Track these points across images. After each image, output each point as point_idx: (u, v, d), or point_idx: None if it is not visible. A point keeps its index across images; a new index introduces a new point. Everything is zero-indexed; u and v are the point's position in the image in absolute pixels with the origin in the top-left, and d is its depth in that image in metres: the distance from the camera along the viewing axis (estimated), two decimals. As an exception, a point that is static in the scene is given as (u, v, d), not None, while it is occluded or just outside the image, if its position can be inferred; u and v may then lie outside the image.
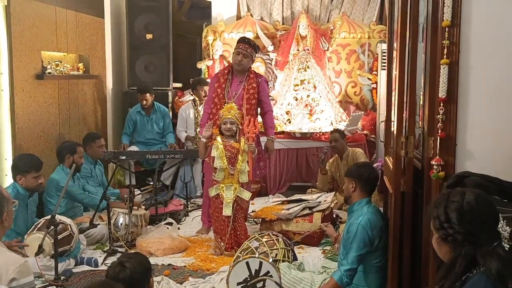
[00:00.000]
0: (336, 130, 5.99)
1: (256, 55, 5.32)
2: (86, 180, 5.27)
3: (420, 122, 2.95)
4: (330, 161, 6.01)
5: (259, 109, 5.22)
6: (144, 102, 6.47)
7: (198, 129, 6.26)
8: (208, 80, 6.33)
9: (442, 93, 2.43)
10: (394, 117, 3.21)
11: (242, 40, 5.14)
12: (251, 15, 7.56)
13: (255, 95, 5.08)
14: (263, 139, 5.30)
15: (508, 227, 1.77)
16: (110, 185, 5.33)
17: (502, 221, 1.78)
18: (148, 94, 6.45)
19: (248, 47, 5.05)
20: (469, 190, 1.88)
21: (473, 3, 2.40)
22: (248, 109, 4.97)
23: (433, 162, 2.47)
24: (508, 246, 1.75)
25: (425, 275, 2.64)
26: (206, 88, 6.14)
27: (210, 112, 5.08)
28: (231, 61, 7.41)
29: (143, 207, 5.16)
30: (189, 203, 6.13)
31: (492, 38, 2.40)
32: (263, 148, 5.22)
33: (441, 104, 2.44)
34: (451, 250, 1.82)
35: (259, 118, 5.31)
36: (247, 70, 5.13)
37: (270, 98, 7.30)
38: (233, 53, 5.18)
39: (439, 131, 2.46)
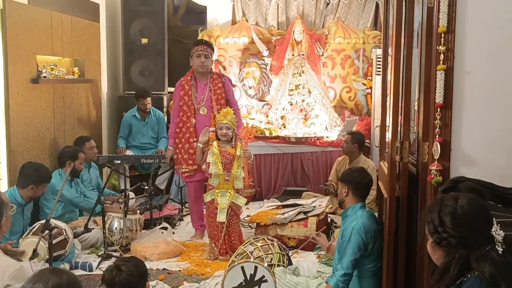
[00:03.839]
0: (352, 132, 5.91)
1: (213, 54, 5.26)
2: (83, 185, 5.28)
3: (414, 128, 2.96)
4: (339, 159, 5.99)
5: None
6: (148, 106, 6.46)
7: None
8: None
9: (439, 98, 2.44)
10: (389, 122, 3.22)
11: (200, 42, 5.14)
12: (246, 20, 7.57)
13: (222, 95, 5.10)
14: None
15: (502, 231, 1.79)
16: (105, 189, 5.32)
17: (495, 225, 1.80)
18: (149, 98, 6.45)
19: (207, 48, 5.07)
20: (463, 194, 1.90)
21: (468, 9, 2.41)
22: (219, 109, 4.93)
23: (432, 168, 2.48)
24: (501, 249, 1.76)
25: (420, 280, 2.65)
26: None
27: (179, 121, 5.09)
28: (225, 66, 7.50)
29: (138, 211, 5.16)
30: (183, 207, 6.12)
31: (487, 44, 2.42)
32: None
33: (438, 110, 2.45)
34: (445, 254, 1.83)
35: None
36: (209, 72, 5.15)
37: (265, 102, 7.40)
38: (193, 56, 5.10)
39: (437, 136, 2.47)
